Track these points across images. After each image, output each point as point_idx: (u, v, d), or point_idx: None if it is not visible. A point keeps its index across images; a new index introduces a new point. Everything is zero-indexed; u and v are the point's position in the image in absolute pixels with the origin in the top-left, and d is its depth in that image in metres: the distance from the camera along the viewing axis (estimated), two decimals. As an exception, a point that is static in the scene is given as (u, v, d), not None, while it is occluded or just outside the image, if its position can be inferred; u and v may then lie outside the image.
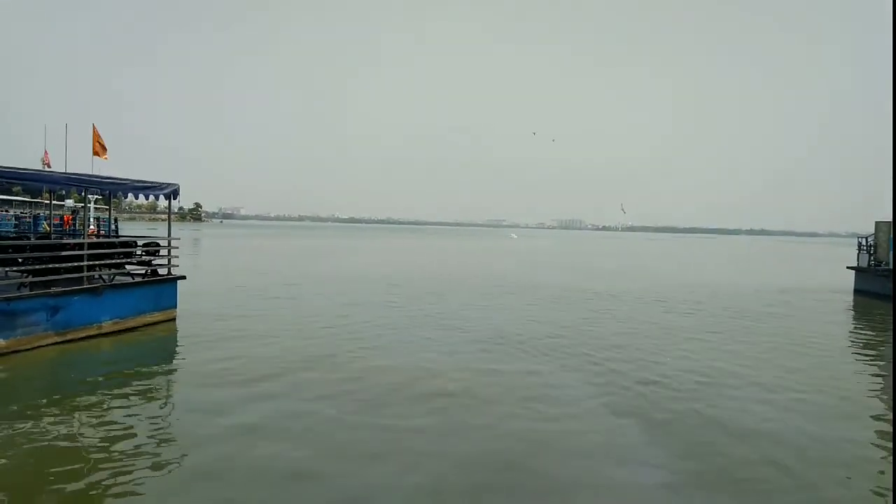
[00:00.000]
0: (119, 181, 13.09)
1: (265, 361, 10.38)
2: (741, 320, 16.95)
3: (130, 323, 12.84)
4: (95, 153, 16.38)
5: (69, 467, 6.00)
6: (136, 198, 14.44)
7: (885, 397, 9.41)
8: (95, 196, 25.24)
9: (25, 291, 10.93)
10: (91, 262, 12.40)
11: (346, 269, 32.59)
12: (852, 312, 20.45)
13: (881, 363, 12.29)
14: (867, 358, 12.86)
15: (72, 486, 5.61)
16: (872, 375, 11.18)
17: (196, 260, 36.21)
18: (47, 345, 10.90)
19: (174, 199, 14.56)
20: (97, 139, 16.44)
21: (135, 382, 9.10)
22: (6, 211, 41.05)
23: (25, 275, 11.42)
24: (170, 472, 5.99)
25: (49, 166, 24.84)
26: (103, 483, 5.70)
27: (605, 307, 18.85)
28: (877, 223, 24.88)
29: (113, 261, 13.36)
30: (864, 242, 25.73)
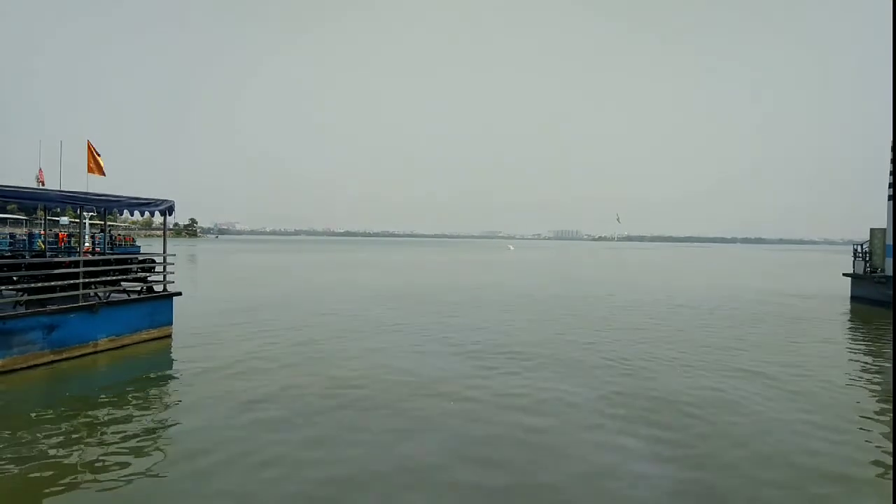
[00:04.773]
0: (114, 198, 13.04)
1: (261, 378, 10.31)
2: (738, 327, 16.94)
3: (126, 340, 12.75)
4: (90, 170, 16.18)
5: (63, 486, 5.91)
6: (132, 215, 14.38)
7: (886, 401, 9.40)
8: (91, 213, 25.18)
9: (21, 310, 10.85)
10: (87, 280, 12.34)
11: (347, 282, 32.49)
12: (850, 318, 20.49)
13: (883, 368, 12.29)
14: (869, 363, 12.83)
15: (68, 508, 5.53)
16: (875, 381, 11.16)
17: (192, 276, 36.07)
18: (43, 363, 10.81)
19: (169, 215, 14.54)
20: (92, 156, 16.30)
21: (131, 401, 9.00)
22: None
23: (21, 293, 11.34)
24: (164, 491, 5.90)
25: (43, 184, 24.77)
26: (96, 501, 5.63)
27: (611, 316, 18.84)
28: (871, 230, 25.07)
29: (108, 278, 13.28)
30: (859, 250, 25.88)
